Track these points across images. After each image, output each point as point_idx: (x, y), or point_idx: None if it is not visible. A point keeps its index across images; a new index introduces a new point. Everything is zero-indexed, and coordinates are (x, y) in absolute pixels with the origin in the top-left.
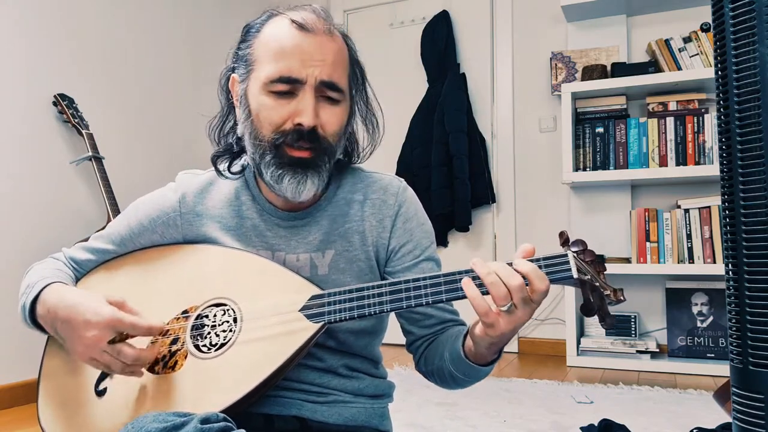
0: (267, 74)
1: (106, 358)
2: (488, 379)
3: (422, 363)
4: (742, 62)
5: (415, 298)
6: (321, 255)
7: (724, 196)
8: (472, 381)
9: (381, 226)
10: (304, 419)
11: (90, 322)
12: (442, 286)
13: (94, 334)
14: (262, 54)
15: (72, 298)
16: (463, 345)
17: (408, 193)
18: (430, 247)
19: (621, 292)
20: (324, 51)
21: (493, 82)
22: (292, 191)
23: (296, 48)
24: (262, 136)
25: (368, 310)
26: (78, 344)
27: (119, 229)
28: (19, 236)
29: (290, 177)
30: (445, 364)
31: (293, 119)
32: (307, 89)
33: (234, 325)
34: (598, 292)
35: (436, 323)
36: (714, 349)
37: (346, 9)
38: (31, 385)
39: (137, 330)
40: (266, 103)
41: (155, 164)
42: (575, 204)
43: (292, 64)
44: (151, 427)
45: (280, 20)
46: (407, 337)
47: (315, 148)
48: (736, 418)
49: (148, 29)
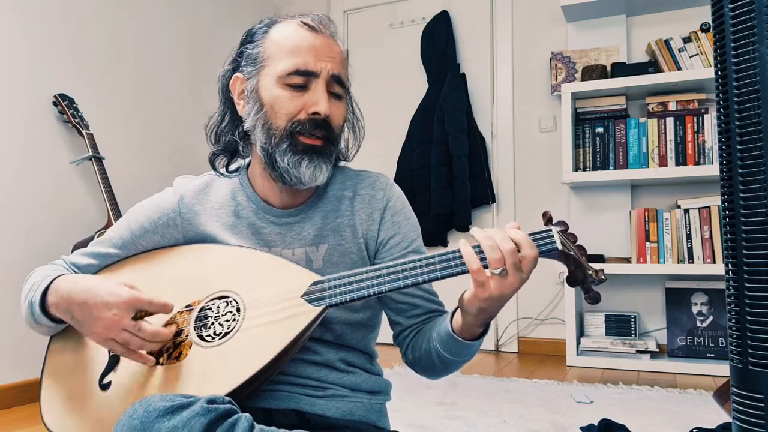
0: (283, 68)
1: (125, 336)
2: (488, 379)
3: (409, 352)
4: (742, 62)
5: (411, 277)
6: (315, 249)
7: (724, 196)
8: (460, 362)
9: (370, 220)
10: (302, 413)
11: (109, 302)
12: (437, 264)
13: (114, 313)
14: (275, 52)
15: (87, 282)
16: (451, 323)
17: (395, 189)
18: (417, 239)
19: (602, 272)
20: (332, 50)
21: (493, 82)
22: (310, 175)
23: (310, 45)
24: (277, 126)
25: (367, 291)
26: (97, 325)
27: (120, 232)
28: (20, 236)
29: (308, 162)
30: (432, 344)
31: (307, 109)
32: (320, 82)
33: (237, 315)
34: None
35: (422, 313)
36: (714, 349)
37: (346, 9)
38: (31, 385)
39: (154, 306)
40: (281, 95)
41: (155, 164)
42: (575, 204)
43: (308, 59)
44: (159, 405)
45: (289, 23)
46: (394, 328)
47: (326, 138)
48: (736, 418)
49: (148, 29)
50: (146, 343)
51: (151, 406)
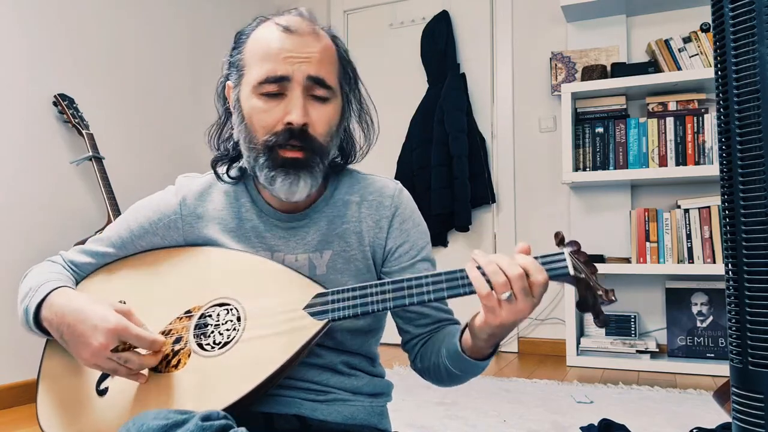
0: (255, 77)
1: (111, 365)
2: (488, 379)
3: (418, 360)
4: (742, 62)
5: (417, 296)
6: (319, 255)
7: (724, 196)
8: (468, 377)
9: (378, 227)
10: (303, 418)
11: (97, 327)
12: (444, 283)
13: (101, 341)
14: (250, 59)
15: (79, 302)
16: (460, 341)
17: (404, 195)
18: (426, 247)
19: (612, 292)
20: (308, 49)
21: (493, 83)
22: (285, 192)
23: (281, 48)
24: (256, 140)
25: (371, 307)
26: (84, 350)
27: (119, 231)
28: (19, 236)
29: (282, 178)
30: (441, 360)
31: (283, 120)
32: (295, 87)
33: (237, 324)
34: (592, 291)
35: (432, 322)
36: (714, 349)
37: (346, 9)
38: (31, 385)
39: (141, 342)
40: (257, 106)
41: (155, 164)
42: (575, 204)
43: (277, 64)
44: (152, 424)
45: (267, 25)
46: (403, 336)
47: (306, 148)
48: (735, 418)
49: (148, 29)
50: (132, 372)
51: (145, 425)
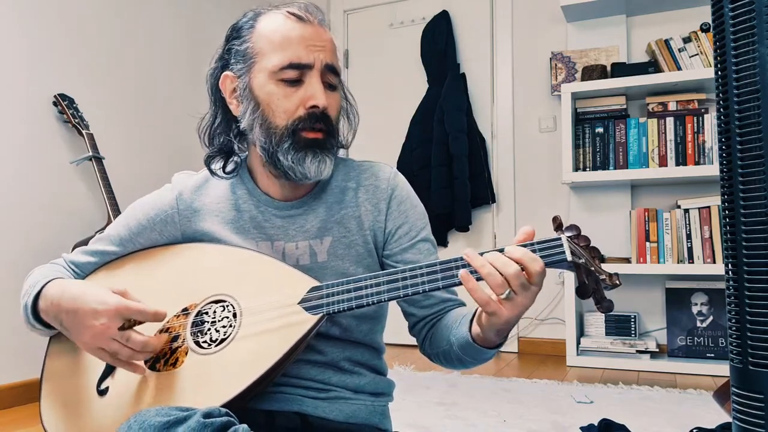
0: (275, 63)
1: (114, 346)
2: (488, 379)
3: (427, 346)
4: (741, 62)
5: (411, 287)
6: (319, 242)
7: (724, 196)
8: (480, 362)
9: (376, 210)
10: (305, 415)
11: (97, 310)
12: (439, 273)
13: (103, 322)
14: (264, 46)
15: (76, 289)
16: (470, 329)
17: (399, 178)
18: (425, 228)
19: (616, 276)
20: (323, 38)
21: (493, 83)
22: (315, 170)
23: (300, 36)
24: (276, 125)
25: (366, 300)
26: (85, 334)
27: (118, 230)
28: (19, 236)
29: (312, 157)
30: (452, 348)
31: (305, 104)
32: (314, 74)
33: (234, 321)
34: (594, 276)
35: (436, 303)
36: (714, 349)
37: (346, 9)
38: (31, 385)
39: (144, 315)
40: (276, 92)
41: (155, 164)
42: (575, 204)
43: (299, 51)
44: (154, 421)
45: (275, 14)
46: (409, 319)
47: (326, 130)
48: (735, 418)
49: (148, 29)
50: (136, 354)
51: (146, 422)
